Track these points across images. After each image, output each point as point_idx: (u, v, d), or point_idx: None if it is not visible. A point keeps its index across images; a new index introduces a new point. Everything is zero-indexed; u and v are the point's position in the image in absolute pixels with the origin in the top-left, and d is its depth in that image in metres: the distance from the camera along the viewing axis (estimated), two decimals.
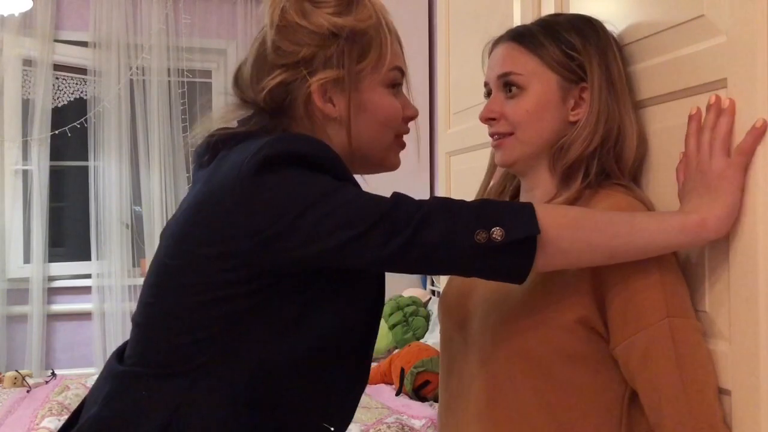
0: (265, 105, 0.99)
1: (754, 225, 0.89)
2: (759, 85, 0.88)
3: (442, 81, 1.89)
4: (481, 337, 1.05)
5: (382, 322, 3.57)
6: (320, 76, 0.96)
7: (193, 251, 0.92)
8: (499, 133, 1.08)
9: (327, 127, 1.00)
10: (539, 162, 1.08)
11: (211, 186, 0.93)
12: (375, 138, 1.02)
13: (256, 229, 0.87)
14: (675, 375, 0.91)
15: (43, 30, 4.19)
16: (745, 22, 0.89)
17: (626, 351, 0.95)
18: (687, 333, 0.93)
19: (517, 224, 0.86)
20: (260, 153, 0.88)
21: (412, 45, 3.88)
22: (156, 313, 0.96)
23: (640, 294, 0.93)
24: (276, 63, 0.98)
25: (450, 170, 1.85)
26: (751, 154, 0.89)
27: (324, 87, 0.98)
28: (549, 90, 1.06)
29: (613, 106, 1.05)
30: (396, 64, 1.02)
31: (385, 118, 1.02)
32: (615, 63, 1.07)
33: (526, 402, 1.00)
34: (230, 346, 0.91)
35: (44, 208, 4.19)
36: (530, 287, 1.00)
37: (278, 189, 0.88)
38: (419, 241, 0.86)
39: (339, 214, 0.86)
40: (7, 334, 4.17)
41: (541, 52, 1.06)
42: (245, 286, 0.89)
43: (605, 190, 1.03)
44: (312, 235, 0.86)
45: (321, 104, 0.98)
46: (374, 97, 1.00)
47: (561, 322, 0.98)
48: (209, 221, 0.91)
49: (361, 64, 0.99)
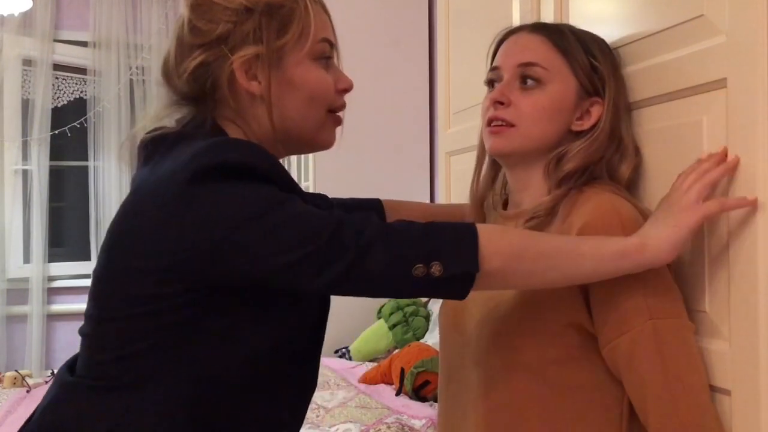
0: (190, 89, 0.96)
1: (754, 225, 0.89)
2: (759, 85, 0.88)
3: (442, 81, 1.89)
4: (477, 343, 1.05)
5: (381, 322, 3.56)
6: (241, 53, 0.92)
7: (126, 263, 0.90)
8: (502, 119, 1.05)
9: (255, 108, 0.95)
10: (532, 162, 1.07)
11: (143, 195, 0.91)
12: (305, 115, 0.97)
13: (190, 244, 0.85)
14: (659, 376, 0.91)
15: (43, 30, 4.19)
16: (745, 22, 0.89)
17: (612, 354, 0.95)
18: (672, 334, 0.93)
19: (456, 260, 0.85)
20: (193, 163, 0.85)
21: (412, 45, 3.89)
22: (97, 325, 0.94)
23: (621, 297, 0.93)
24: (194, 43, 0.94)
25: (450, 170, 1.85)
26: (724, 210, 0.90)
27: (247, 64, 0.93)
28: (567, 93, 1.05)
29: (617, 125, 1.05)
30: (322, 36, 0.97)
31: (313, 92, 0.96)
32: (623, 86, 1.08)
33: (523, 407, 1.00)
34: (169, 359, 0.89)
35: (44, 208, 4.19)
36: (523, 293, 1.00)
37: (212, 203, 0.84)
38: (359, 270, 0.84)
39: (279, 235, 0.84)
40: (7, 334, 4.17)
41: (570, 54, 1.05)
42: (179, 298, 0.87)
43: (592, 189, 1.02)
44: (246, 255, 0.84)
45: (245, 82, 0.94)
46: (300, 71, 0.95)
47: (554, 326, 0.98)
48: (142, 233, 0.88)
49: (282, 39, 0.94)
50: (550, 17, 1.30)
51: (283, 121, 0.96)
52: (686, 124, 1.00)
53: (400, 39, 3.88)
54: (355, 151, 3.84)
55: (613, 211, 0.97)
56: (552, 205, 1.02)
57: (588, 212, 0.97)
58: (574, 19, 1.25)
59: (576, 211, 0.99)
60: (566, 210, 1.01)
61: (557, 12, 1.30)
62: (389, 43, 3.86)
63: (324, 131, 1.01)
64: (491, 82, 1.11)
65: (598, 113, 1.05)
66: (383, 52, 3.86)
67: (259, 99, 0.95)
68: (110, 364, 0.91)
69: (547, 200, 1.03)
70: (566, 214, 1.00)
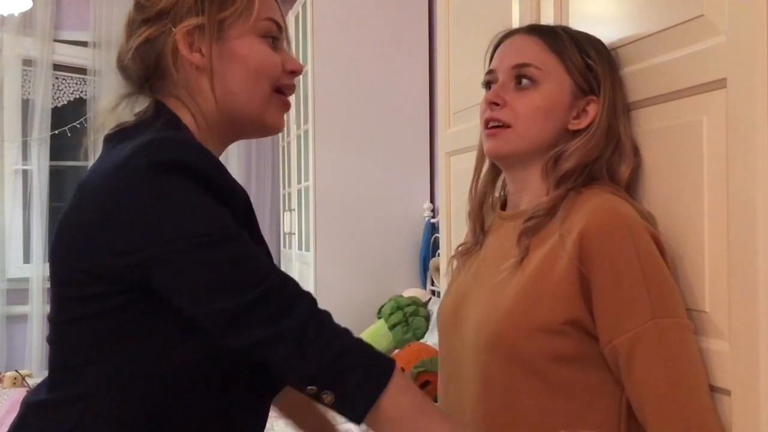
0: (137, 69, 0.95)
1: (754, 225, 0.89)
2: (759, 85, 0.88)
3: (442, 81, 1.89)
4: (475, 344, 1.05)
5: (381, 322, 3.56)
6: (183, 24, 0.92)
7: (66, 265, 0.88)
8: (498, 119, 1.07)
9: (199, 82, 0.94)
10: (530, 162, 1.08)
11: (82, 196, 0.89)
12: (249, 90, 0.96)
13: (122, 249, 0.83)
14: (661, 376, 0.91)
15: (43, 30, 4.19)
16: (745, 22, 0.89)
17: (613, 353, 0.95)
18: (674, 333, 0.93)
19: (349, 400, 0.82)
20: (127, 165, 0.83)
21: (412, 45, 3.89)
22: (52, 331, 0.92)
23: (624, 296, 0.93)
24: (139, 19, 0.94)
25: (450, 170, 1.85)
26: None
27: (190, 36, 0.93)
28: (562, 92, 1.06)
29: (614, 125, 1.06)
30: (268, 15, 0.96)
31: (256, 67, 0.95)
32: (621, 86, 1.08)
33: (522, 406, 1.00)
34: (115, 365, 0.87)
35: (44, 208, 4.19)
36: (521, 293, 1.00)
37: (145, 207, 0.82)
38: (265, 351, 0.82)
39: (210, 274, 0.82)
40: (7, 334, 4.17)
41: (563, 54, 1.06)
42: (114, 300, 0.85)
43: (591, 190, 1.02)
44: (174, 278, 0.82)
45: (187, 54, 0.93)
46: (244, 45, 0.95)
47: (552, 325, 0.97)
48: (81, 232, 0.86)
49: (225, 12, 0.93)
50: (550, 18, 1.30)
51: (227, 95, 0.95)
52: (686, 124, 1.00)
53: (400, 39, 3.88)
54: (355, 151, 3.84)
55: (614, 211, 0.97)
56: (551, 206, 1.02)
57: (587, 214, 0.97)
58: (574, 20, 1.25)
59: (575, 213, 0.99)
60: (565, 211, 1.01)
61: (557, 12, 1.30)
62: (389, 43, 3.86)
63: (269, 111, 0.98)
64: (488, 84, 1.12)
65: (594, 111, 1.05)
66: (383, 52, 3.86)
67: (202, 71, 0.94)
68: (64, 372, 0.90)
69: (546, 201, 1.03)
70: (565, 215, 1.00)
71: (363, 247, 3.84)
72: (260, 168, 4.81)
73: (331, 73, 3.82)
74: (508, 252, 1.05)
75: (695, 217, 0.98)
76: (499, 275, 1.04)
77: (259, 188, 4.82)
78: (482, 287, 1.08)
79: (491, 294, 1.03)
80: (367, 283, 3.85)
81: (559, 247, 0.98)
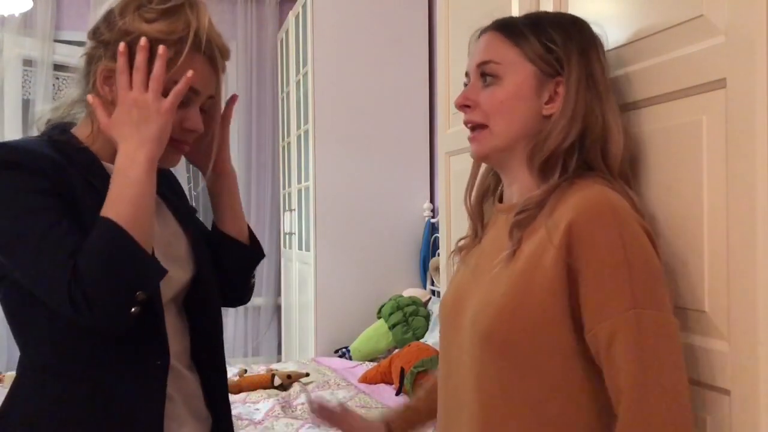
0: (81, 69, 1.13)
1: (754, 225, 0.89)
2: (758, 85, 0.88)
3: (442, 81, 1.89)
4: (471, 340, 1.05)
5: (381, 321, 3.57)
6: (106, 63, 1.08)
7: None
8: (472, 121, 1.09)
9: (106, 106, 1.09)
10: (514, 156, 1.08)
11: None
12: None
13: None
14: (635, 367, 0.90)
15: (43, 30, 4.20)
16: (745, 22, 0.89)
17: (593, 340, 0.94)
18: (655, 326, 0.91)
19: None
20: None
21: (412, 45, 3.89)
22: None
23: (606, 282, 0.92)
24: (92, 34, 1.12)
25: (450, 170, 1.85)
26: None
27: (109, 73, 1.08)
28: (524, 81, 1.06)
29: (594, 103, 1.04)
30: (177, 80, 1.06)
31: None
32: (598, 62, 1.06)
33: (517, 402, 0.99)
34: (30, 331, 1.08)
35: None
36: (512, 287, 1.00)
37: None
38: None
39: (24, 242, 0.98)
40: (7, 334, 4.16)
41: (522, 43, 1.06)
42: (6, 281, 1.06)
43: (583, 180, 1.01)
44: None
45: (99, 84, 1.09)
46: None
47: (545, 319, 0.97)
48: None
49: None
50: None
51: (111, 130, 1.07)
52: (686, 124, 1.00)
53: (400, 39, 3.88)
54: (355, 151, 3.84)
55: (600, 198, 0.96)
56: (541, 199, 1.02)
57: (574, 206, 0.96)
58: None
59: (563, 205, 0.98)
60: (553, 204, 1.00)
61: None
62: (389, 43, 3.87)
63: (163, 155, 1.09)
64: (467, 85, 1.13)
65: (564, 91, 1.05)
66: (383, 52, 3.86)
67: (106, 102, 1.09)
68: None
69: (537, 194, 1.03)
70: (552, 208, 1.00)
71: (363, 247, 3.84)
72: (260, 168, 4.82)
73: (331, 73, 3.82)
74: (503, 245, 1.05)
75: (695, 217, 0.98)
76: (493, 269, 1.04)
77: (259, 188, 4.82)
78: (479, 281, 1.08)
79: (486, 288, 1.03)
80: (367, 283, 3.85)
81: (546, 241, 0.98)
